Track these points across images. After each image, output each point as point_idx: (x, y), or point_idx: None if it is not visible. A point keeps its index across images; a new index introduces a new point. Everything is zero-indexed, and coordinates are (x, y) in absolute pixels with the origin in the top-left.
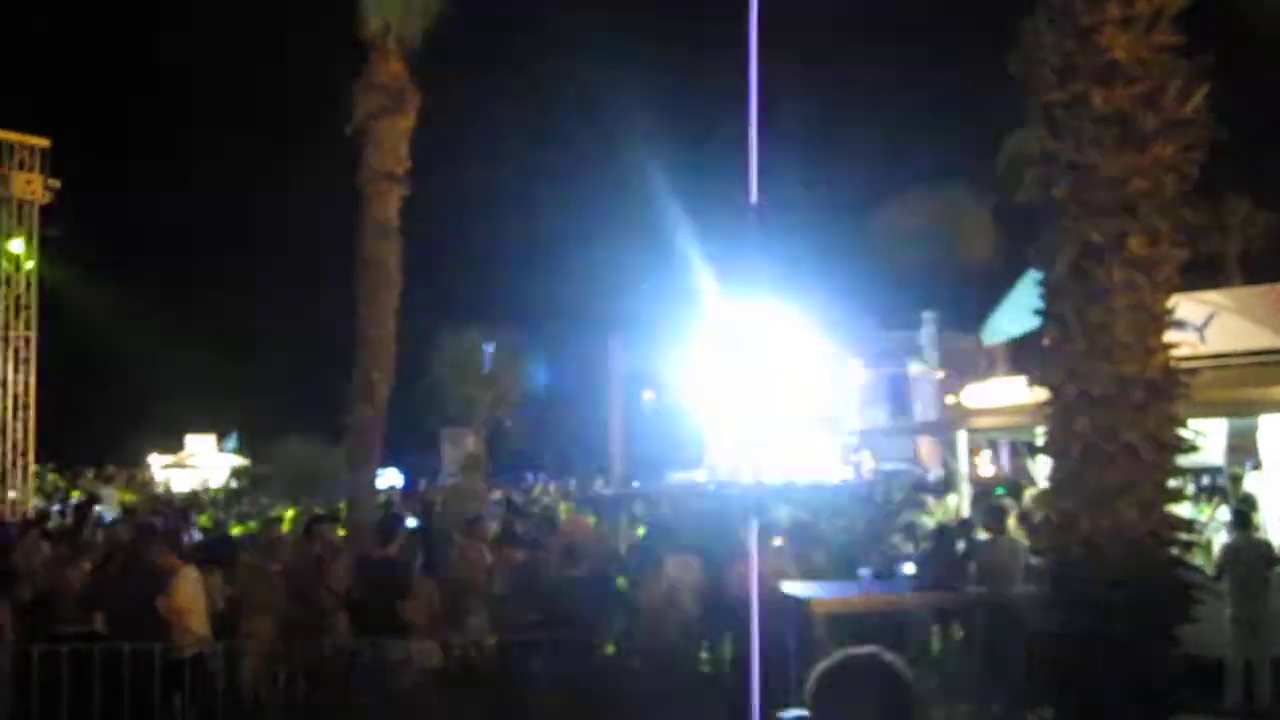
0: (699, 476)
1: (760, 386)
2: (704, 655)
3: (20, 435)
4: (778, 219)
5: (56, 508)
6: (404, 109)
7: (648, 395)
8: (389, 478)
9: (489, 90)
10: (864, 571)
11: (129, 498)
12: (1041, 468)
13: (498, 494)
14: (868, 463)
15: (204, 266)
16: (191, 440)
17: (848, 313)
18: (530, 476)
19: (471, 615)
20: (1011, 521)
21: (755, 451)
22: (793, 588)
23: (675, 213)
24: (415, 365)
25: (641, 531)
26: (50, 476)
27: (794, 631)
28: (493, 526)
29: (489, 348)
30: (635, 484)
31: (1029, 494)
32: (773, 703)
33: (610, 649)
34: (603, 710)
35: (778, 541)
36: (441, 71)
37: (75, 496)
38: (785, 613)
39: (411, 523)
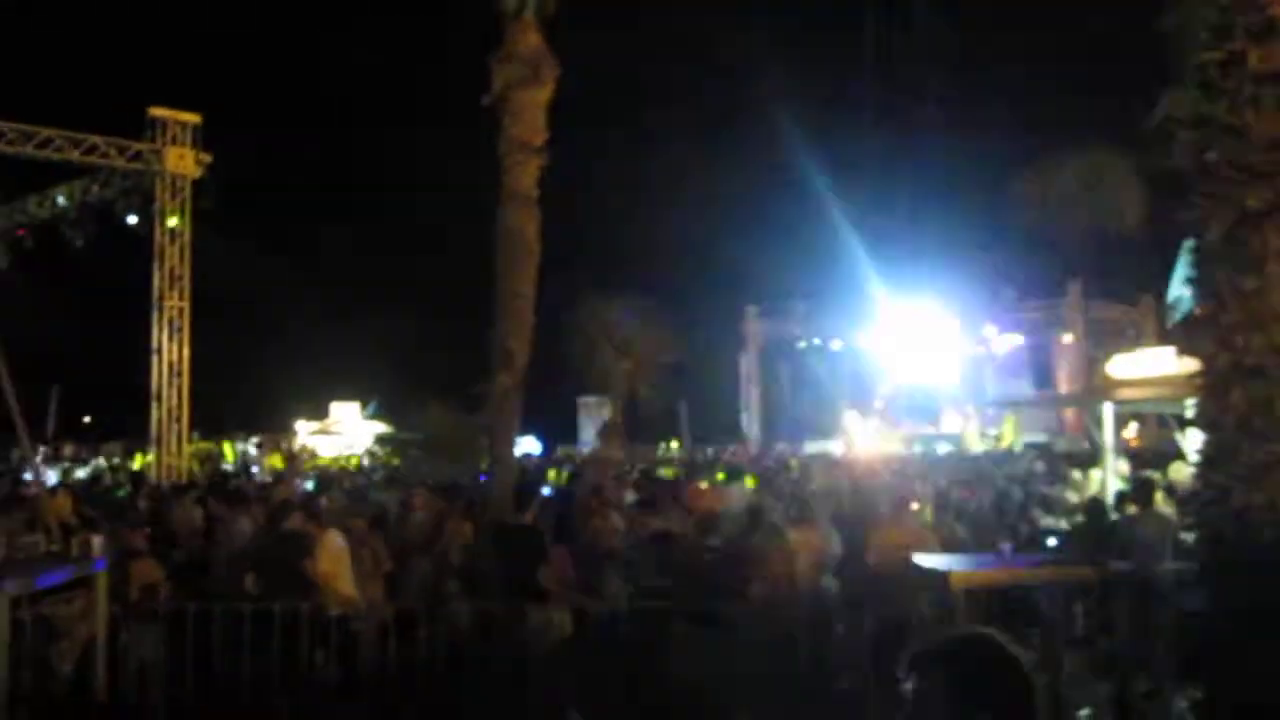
0: (835, 447)
1: (902, 356)
2: (839, 628)
3: (175, 402)
4: (920, 188)
5: (209, 472)
6: (541, 80)
7: (784, 365)
8: (527, 445)
9: (626, 60)
10: (1005, 545)
11: (277, 463)
12: (1192, 441)
13: (633, 462)
14: (1008, 434)
15: (347, 237)
16: (336, 407)
17: (989, 282)
18: (666, 445)
19: (605, 583)
20: (1159, 496)
21: (892, 422)
22: (931, 560)
23: (815, 180)
24: (553, 334)
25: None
26: (203, 443)
27: (932, 605)
28: (627, 494)
29: (626, 316)
30: (778, 450)
31: (1174, 468)
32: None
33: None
34: (733, 681)
35: (915, 512)
36: (579, 42)
37: (228, 462)
38: (921, 586)
39: (546, 491)
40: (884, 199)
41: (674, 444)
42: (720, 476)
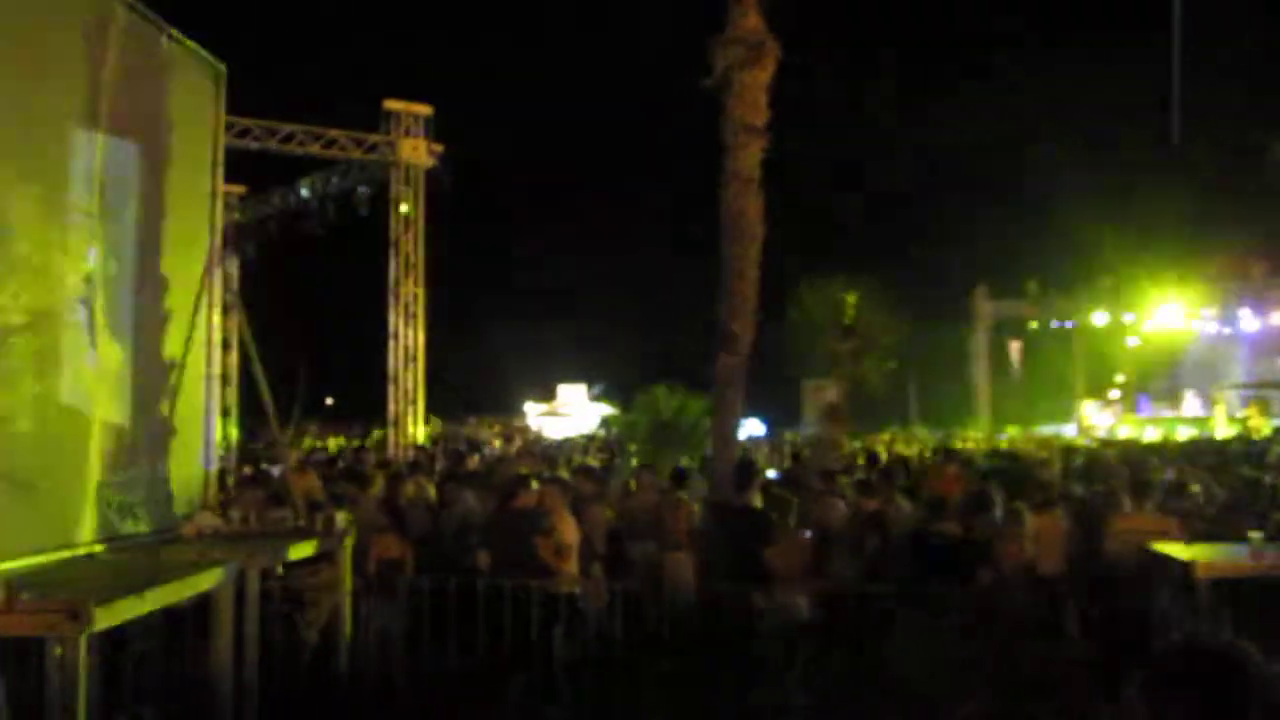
0: (1069, 430)
1: (1142, 337)
2: (1071, 619)
3: (410, 385)
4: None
5: (442, 451)
6: (763, 62)
7: (1015, 345)
8: (750, 427)
9: (849, 40)
10: (1255, 534)
11: (498, 443)
12: None
13: (855, 444)
14: (1257, 418)
15: (574, 221)
16: (563, 390)
17: (1237, 259)
18: (890, 427)
19: (831, 566)
20: None
21: (1131, 406)
22: (1171, 549)
23: (1045, 157)
24: (778, 315)
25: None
26: (436, 423)
27: (1172, 597)
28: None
29: (850, 298)
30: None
31: None
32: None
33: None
34: (962, 671)
35: (1156, 500)
36: (801, 23)
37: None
38: (1162, 576)
39: (771, 474)
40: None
41: (918, 429)
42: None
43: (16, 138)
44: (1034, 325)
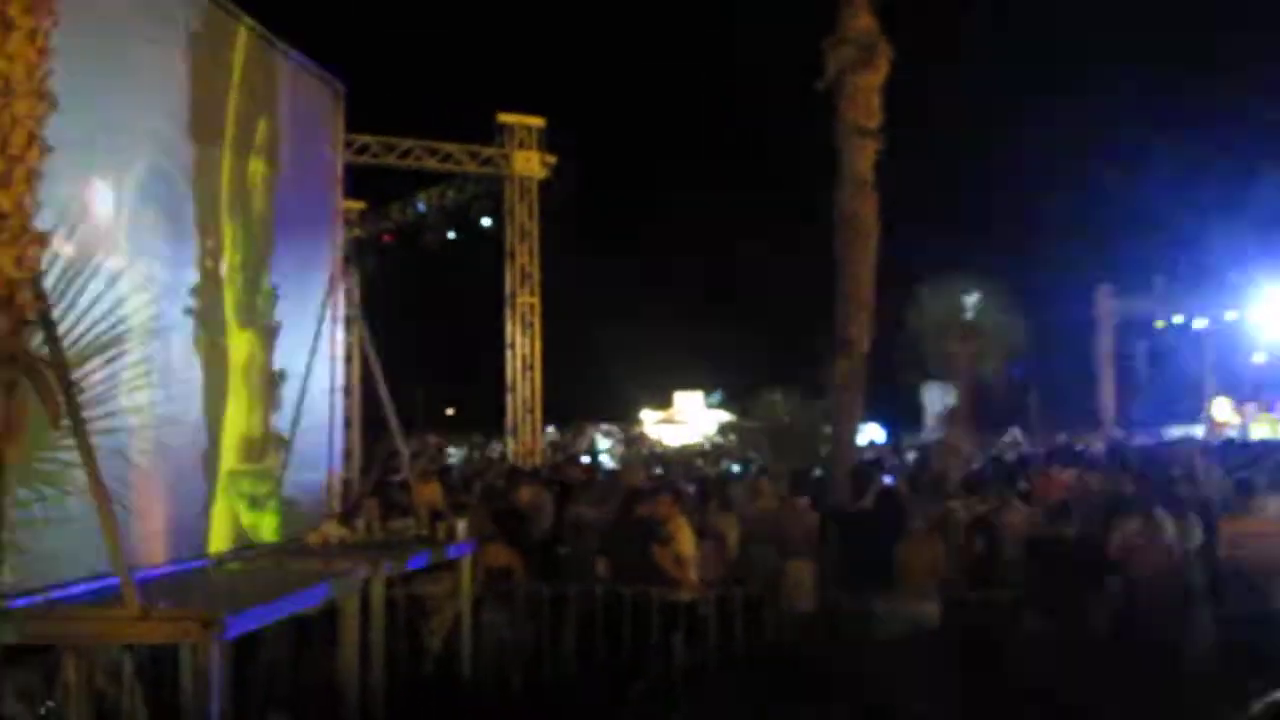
0: (1198, 431)
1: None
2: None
3: (528, 394)
4: None
5: (559, 459)
6: (875, 63)
7: (1141, 346)
8: (870, 433)
9: (963, 38)
10: None
11: (618, 451)
12: None
13: (980, 449)
14: None
15: (687, 228)
16: (679, 397)
17: None
18: (1014, 431)
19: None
20: None
21: (1265, 405)
22: None
23: (1171, 155)
24: (895, 319)
25: None
26: (554, 431)
27: None
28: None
29: (970, 300)
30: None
31: None
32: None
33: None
34: (1091, 681)
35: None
36: (914, 23)
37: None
38: None
39: (888, 479)
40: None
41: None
42: None
43: (141, 155)
44: (1161, 324)
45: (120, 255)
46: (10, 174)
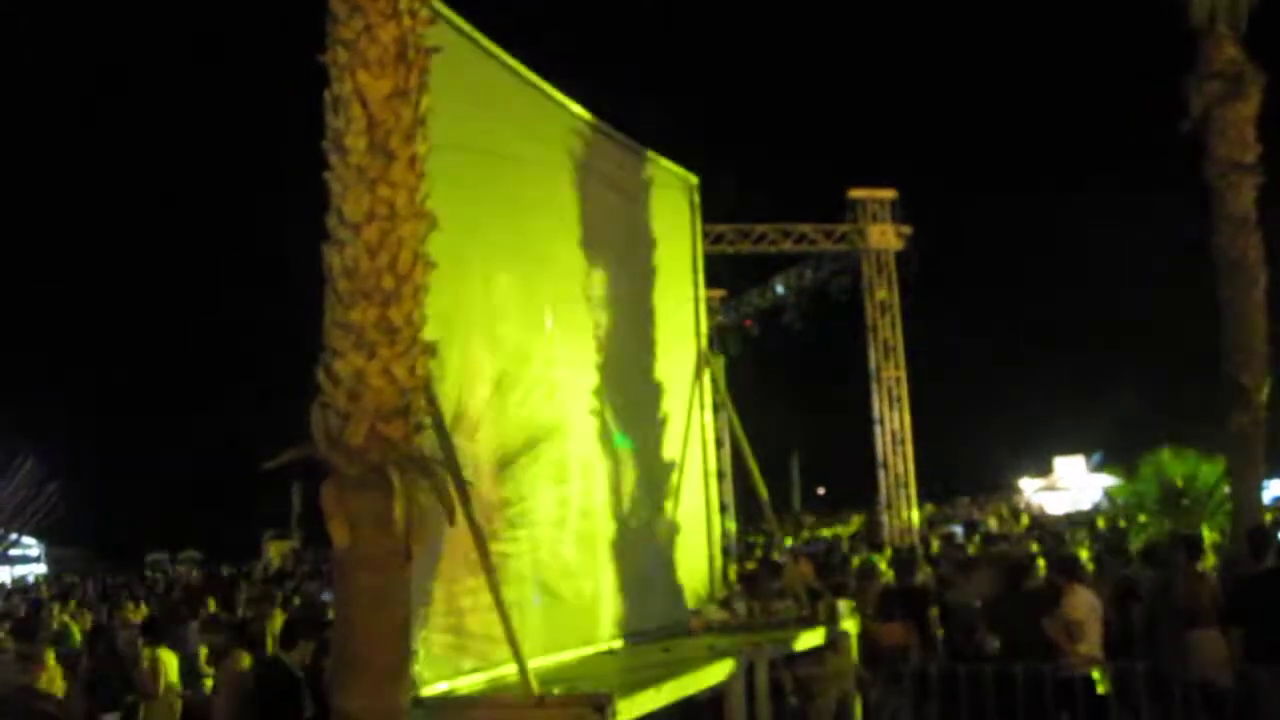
0: None
1: None
2: None
3: (901, 469)
4: None
5: (937, 535)
6: (1245, 93)
7: None
8: (1276, 489)
9: None
10: None
11: (993, 524)
12: None
13: None
14: None
15: (1049, 287)
16: (1060, 462)
17: None
18: None
19: None
20: None
21: None
22: None
23: None
24: None
25: None
26: (929, 506)
27: None
28: None
29: None
30: None
31: None
32: None
33: None
34: None
35: None
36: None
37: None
38: None
39: None
40: None
41: None
42: None
43: (523, 266)
44: None
45: (536, 364)
46: (399, 291)
